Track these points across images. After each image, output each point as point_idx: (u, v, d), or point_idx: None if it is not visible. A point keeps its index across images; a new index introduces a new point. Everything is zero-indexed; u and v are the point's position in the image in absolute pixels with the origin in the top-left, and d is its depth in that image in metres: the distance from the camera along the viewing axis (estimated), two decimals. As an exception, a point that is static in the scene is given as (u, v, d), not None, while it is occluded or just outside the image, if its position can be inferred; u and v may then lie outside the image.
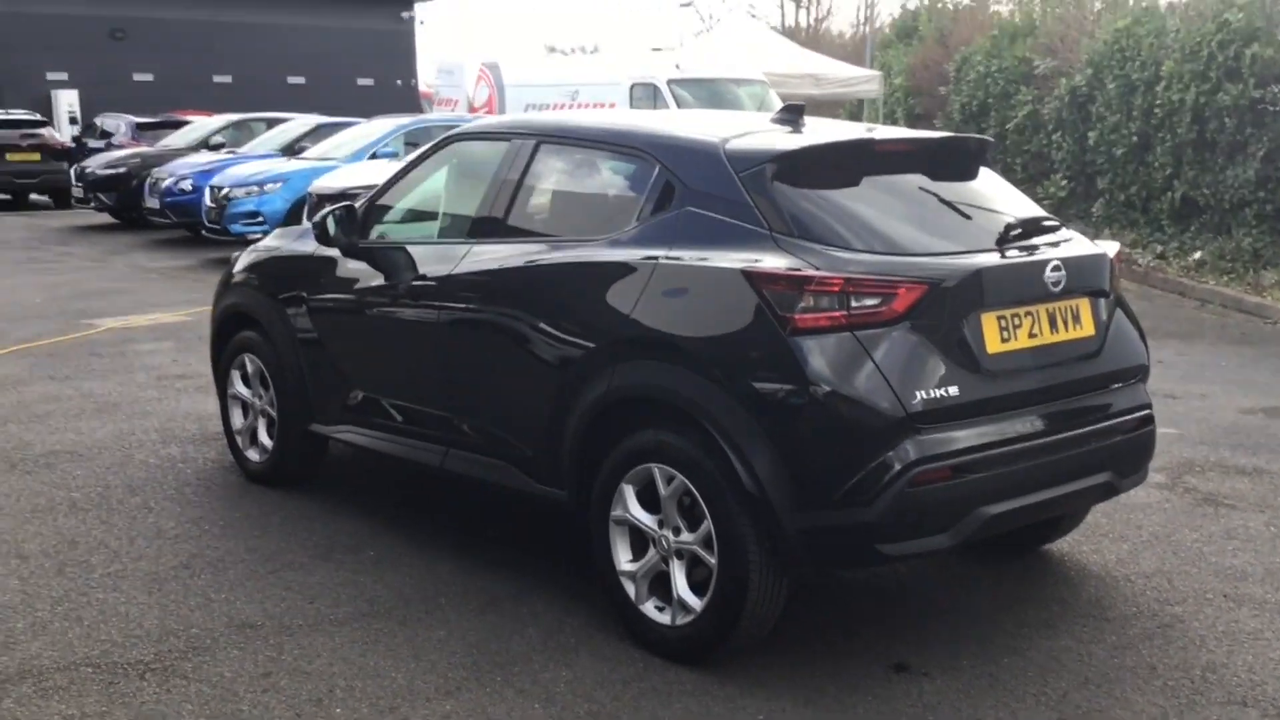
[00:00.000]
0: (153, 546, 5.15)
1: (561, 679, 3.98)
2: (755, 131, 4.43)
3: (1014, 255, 4.12)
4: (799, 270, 3.80)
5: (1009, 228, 4.21)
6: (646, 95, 17.48)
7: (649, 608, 4.18)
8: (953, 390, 3.83)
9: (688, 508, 4.04)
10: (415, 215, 5.41)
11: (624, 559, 4.24)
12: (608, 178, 4.66)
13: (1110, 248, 4.57)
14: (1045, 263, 4.10)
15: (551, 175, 4.83)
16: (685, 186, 4.23)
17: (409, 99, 42.78)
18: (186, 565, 4.95)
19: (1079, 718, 3.76)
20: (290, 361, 5.70)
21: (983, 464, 3.87)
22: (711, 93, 17.56)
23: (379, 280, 5.21)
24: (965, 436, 3.86)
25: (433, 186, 5.37)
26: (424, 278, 4.96)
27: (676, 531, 4.07)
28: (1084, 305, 4.27)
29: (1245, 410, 7.66)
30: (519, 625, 4.38)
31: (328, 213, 5.33)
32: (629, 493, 4.19)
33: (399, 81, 46.57)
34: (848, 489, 3.72)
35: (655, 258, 4.14)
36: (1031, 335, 4.08)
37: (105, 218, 19.63)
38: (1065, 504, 4.36)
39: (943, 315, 3.86)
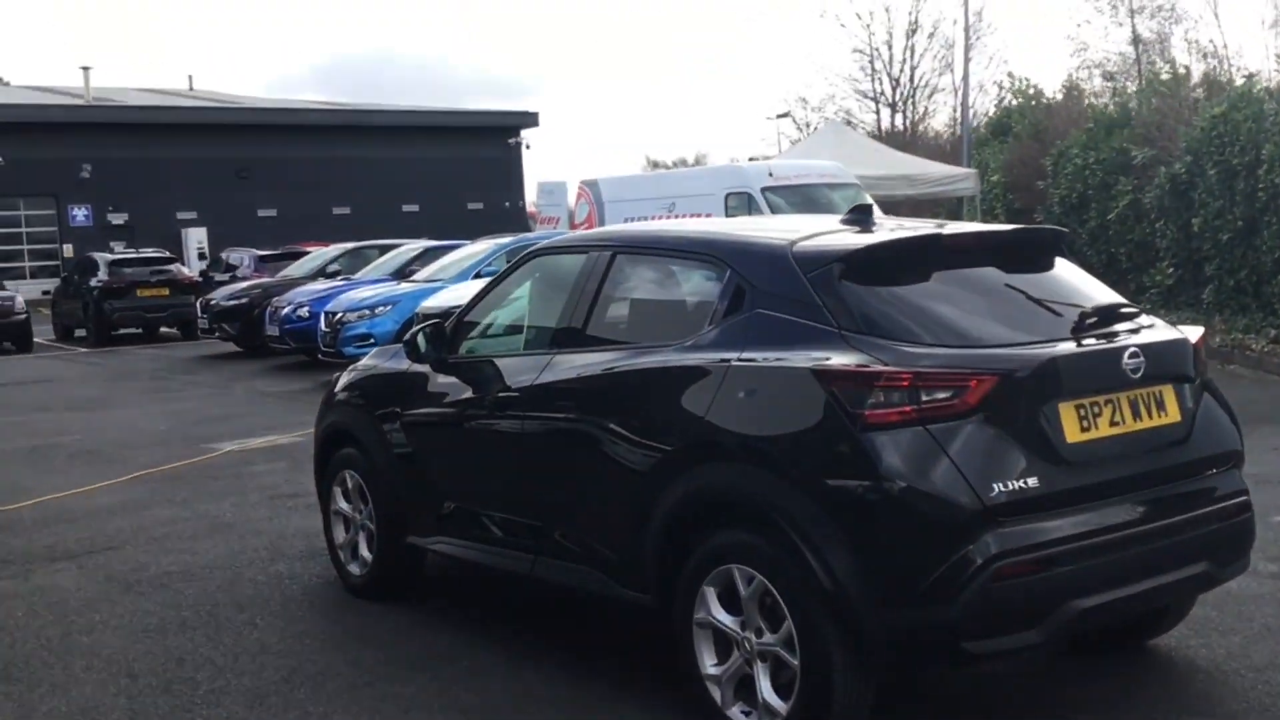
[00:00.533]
0: (255, 662, 5.29)
1: (648, 785, 3.97)
2: (824, 233, 4.51)
3: (1090, 343, 4.10)
4: (867, 366, 3.83)
5: (1085, 315, 4.20)
6: (741, 204, 17.71)
7: (735, 712, 4.16)
8: (1032, 481, 3.79)
9: (769, 609, 4.04)
10: (501, 329, 5.58)
11: (709, 662, 4.24)
12: (682, 284, 4.77)
13: (1193, 333, 4.51)
14: (1123, 349, 4.06)
15: (628, 284, 4.96)
16: (755, 289, 4.31)
17: (517, 219, 43.96)
18: (287, 680, 5.06)
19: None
20: (386, 476, 5.87)
21: (1070, 556, 3.81)
22: (805, 198, 17.71)
23: (467, 393, 5.36)
24: (1050, 528, 3.81)
25: (517, 300, 5.54)
26: (509, 388, 5.10)
27: (759, 633, 4.07)
28: (1168, 392, 4.21)
29: (1367, 495, 7.36)
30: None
31: (417, 330, 5.53)
32: (711, 595, 4.20)
33: (506, 204, 47.89)
34: (928, 586, 3.70)
35: (728, 360, 4.21)
36: (1114, 424, 4.03)
37: (230, 347, 20.42)
38: (1162, 596, 4.25)
39: (1018, 406, 3.85)
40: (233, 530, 7.72)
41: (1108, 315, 4.28)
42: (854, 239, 4.34)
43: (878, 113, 41.66)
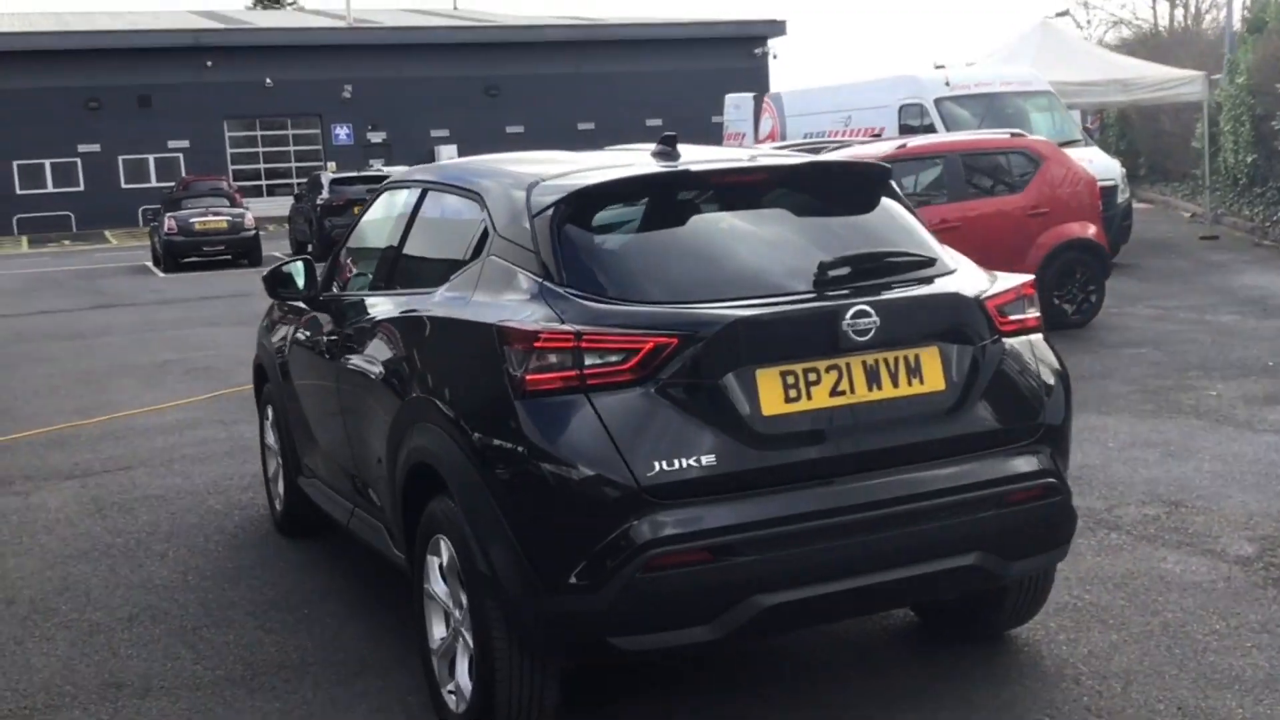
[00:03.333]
0: (123, 596, 5.36)
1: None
2: (588, 170, 4.02)
3: (809, 300, 3.51)
4: (537, 325, 3.41)
5: (829, 266, 3.60)
6: (914, 116, 16.63)
7: (445, 691, 3.87)
8: (708, 460, 3.29)
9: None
10: (360, 267, 5.36)
11: (437, 635, 3.96)
12: (455, 224, 4.40)
13: (1002, 283, 3.80)
14: (845, 308, 3.44)
15: (426, 224, 4.62)
16: (495, 231, 3.92)
17: (701, 136, 43.00)
18: (132, 617, 5.10)
19: None
20: (282, 413, 5.81)
21: (755, 545, 3.31)
22: (989, 107, 16.43)
23: (316, 334, 5.19)
24: (727, 513, 3.31)
25: (368, 235, 5.30)
26: (335, 331, 4.90)
27: (460, 608, 3.75)
28: (929, 356, 3.57)
29: None
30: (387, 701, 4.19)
31: (287, 263, 5.37)
32: (432, 564, 3.91)
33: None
34: (575, 572, 3.29)
35: (436, 313, 3.88)
36: (836, 393, 3.44)
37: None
38: (897, 592, 3.64)
39: (700, 373, 3.34)
40: (246, 454, 7.88)
41: (866, 266, 3.67)
42: (583, 179, 3.85)
43: (1154, 6, 38.34)
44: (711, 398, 3.33)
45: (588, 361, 3.32)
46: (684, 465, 3.27)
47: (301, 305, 5.47)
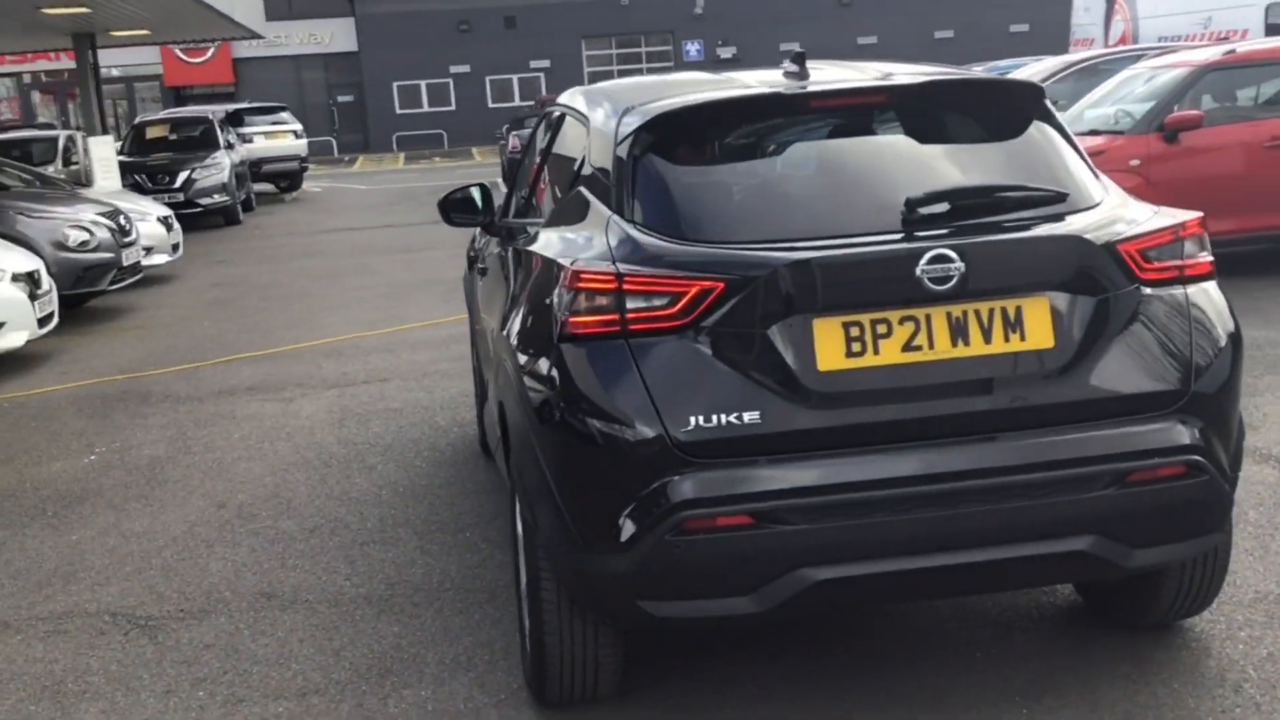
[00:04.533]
0: (318, 507, 5.62)
1: (417, 694, 3.78)
2: (699, 89, 3.72)
3: (888, 242, 3.08)
4: (580, 265, 3.19)
5: (935, 201, 3.16)
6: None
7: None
8: (751, 416, 3.00)
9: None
10: (519, 193, 5.26)
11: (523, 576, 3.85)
12: (570, 152, 4.19)
13: (1146, 223, 3.22)
14: (922, 251, 3.00)
15: (555, 151, 4.45)
16: (589, 160, 3.72)
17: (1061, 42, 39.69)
18: (315, 529, 5.34)
19: None
20: (474, 339, 5.87)
21: (804, 513, 2.99)
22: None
23: (483, 260, 5.17)
24: (775, 477, 3.01)
25: (526, 161, 5.19)
26: (485, 259, 4.88)
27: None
28: (1034, 307, 3.07)
29: None
30: (494, 635, 4.20)
31: (465, 188, 5.35)
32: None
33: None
34: (609, 531, 3.09)
35: (528, 246, 3.72)
36: (910, 348, 3.03)
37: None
38: (990, 578, 3.19)
39: (749, 321, 3.03)
40: (491, 373, 8.12)
41: (968, 203, 3.20)
42: (674, 103, 3.54)
43: None
44: (758, 349, 3.02)
45: (631, 305, 3.07)
46: (724, 422, 2.99)
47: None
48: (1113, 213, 3.27)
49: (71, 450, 6.93)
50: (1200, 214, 3.32)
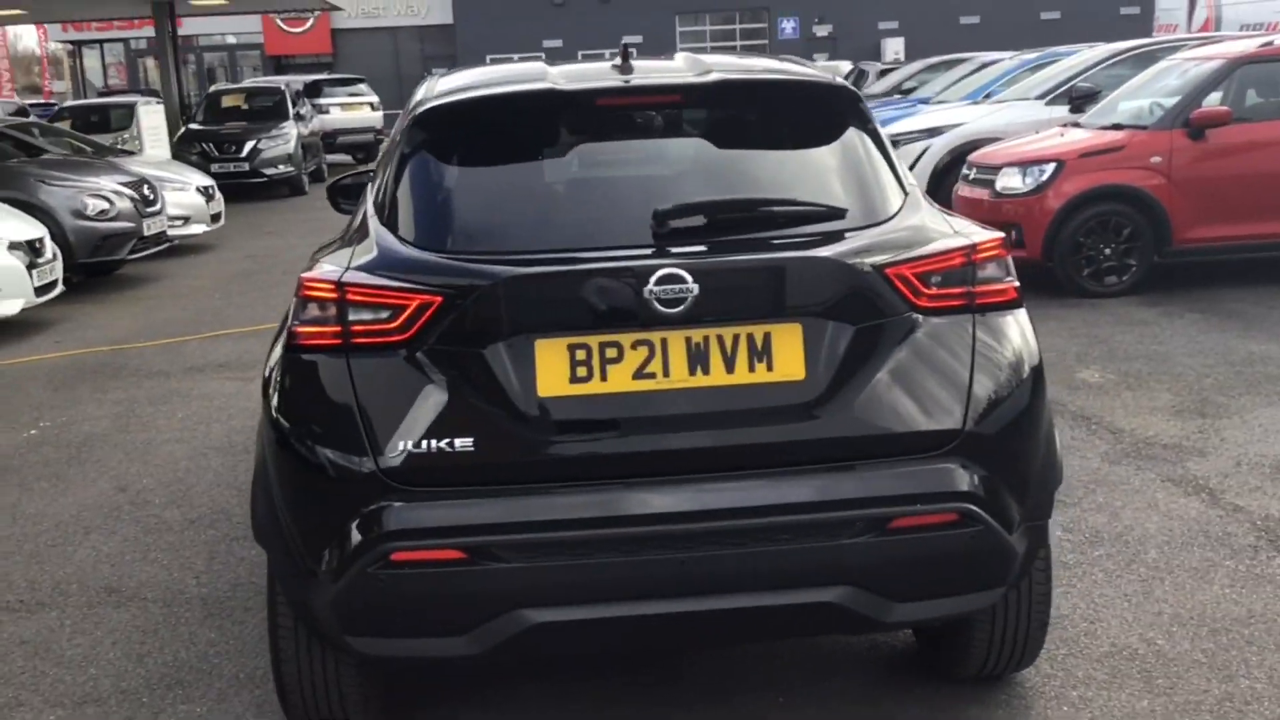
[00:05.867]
0: (211, 497, 5.51)
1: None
2: (500, 84, 3.46)
3: (622, 259, 2.80)
4: (308, 274, 2.99)
5: (687, 215, 2.88)
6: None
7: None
8: (463, 444, 2.75)
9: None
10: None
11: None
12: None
13: (932, 244, 2.88)
14: (652, 270, 2.72)
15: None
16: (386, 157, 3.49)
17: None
18: (196, 520, 5.22)
19: None
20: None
21: (522, 550, 2.75)
22: None
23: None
24: (491, 510, 2.76)
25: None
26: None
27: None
28: (784, 335, 2.77)
29: None
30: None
31: (360, 174, 5.12)
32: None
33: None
34: (316, 559, 2.88)
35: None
36: (643, 375, 2.76)
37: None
38: (729, 628, 2.90)
39: (467, 338, 2.79)
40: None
41: (723, 218, 2.93)
42: (444, 100, 3.27)
43: None
44: (475, 370, 2.77)
45: (354, 317, 2.85)
46: (434, 449, 2.76)
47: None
48: (897, 232, 2.94)
49: (19, 423, 6.94)
50: (1001, 235, 2.98)
